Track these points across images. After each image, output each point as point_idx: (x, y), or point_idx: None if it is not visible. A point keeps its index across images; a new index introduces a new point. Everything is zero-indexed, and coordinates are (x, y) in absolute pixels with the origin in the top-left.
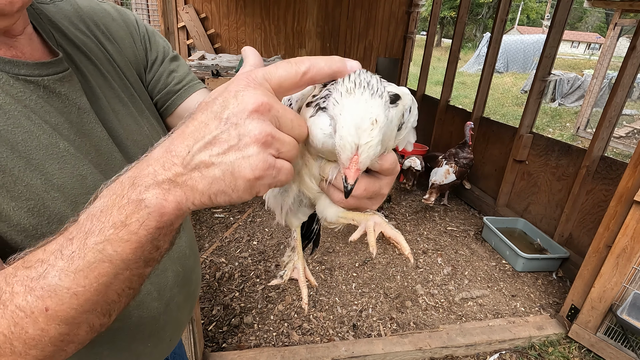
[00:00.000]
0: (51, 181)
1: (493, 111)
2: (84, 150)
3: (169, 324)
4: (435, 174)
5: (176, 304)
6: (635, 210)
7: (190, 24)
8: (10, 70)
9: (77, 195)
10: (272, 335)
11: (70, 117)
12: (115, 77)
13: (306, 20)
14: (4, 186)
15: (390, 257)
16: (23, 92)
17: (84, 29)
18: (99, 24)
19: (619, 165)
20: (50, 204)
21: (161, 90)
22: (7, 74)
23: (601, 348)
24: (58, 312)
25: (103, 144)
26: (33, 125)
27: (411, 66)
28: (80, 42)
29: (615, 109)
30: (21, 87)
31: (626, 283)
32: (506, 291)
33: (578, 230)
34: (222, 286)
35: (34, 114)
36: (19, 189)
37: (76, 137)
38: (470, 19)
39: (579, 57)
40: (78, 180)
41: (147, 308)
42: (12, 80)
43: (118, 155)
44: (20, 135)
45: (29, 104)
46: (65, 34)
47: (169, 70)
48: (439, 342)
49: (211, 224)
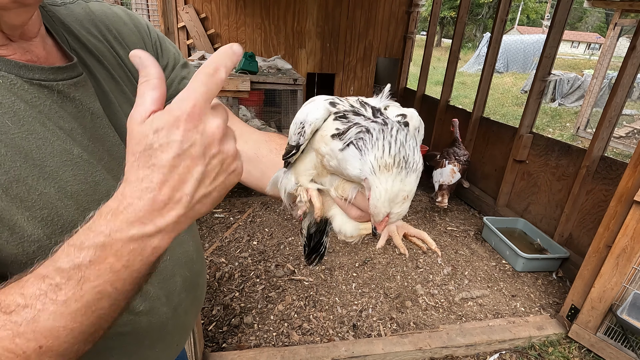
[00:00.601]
0: (65, 189)
1: (493, 111)
2: (97, 156)
3: (177, 329)
4: (441, 175)
5: (184, 309)
6: (635, 210)
7: (190, 24)
8: (24, 75)
9: (90, 202)
10: (272, 335)
11: (84, 122)
12: (127, 82)
13: (306, 20)
14: (17, 196)
15: (390, 257)
16: (37, 98)
17: (95, 33)
18: (110, 28)
19: (619, 165)
20: (63, 212)
21: (172, 96)
22: (21, 79)
23: (601, 348)
24: (52, 347)
25: (115, 149)
26: (47, 131)
27: (411, 66)
28: (93, 46)
29: (615, 109)
30: (35, 92)
31: (626, 283)
32: (506, 291)
33: (578, 230)
34: (222, 286)
35: (48, 120)
36: (33, 198)
37: (89, 143)
38: (470, 19)
39: (579, 57)
40: (91, 187)
41: (156, 313)
42: (26, 85)
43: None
44: (34, 142)
45: (43, 109)
46: (77, 38)
47: (181, 76)
48: (439, 342)
49: (211, 224)
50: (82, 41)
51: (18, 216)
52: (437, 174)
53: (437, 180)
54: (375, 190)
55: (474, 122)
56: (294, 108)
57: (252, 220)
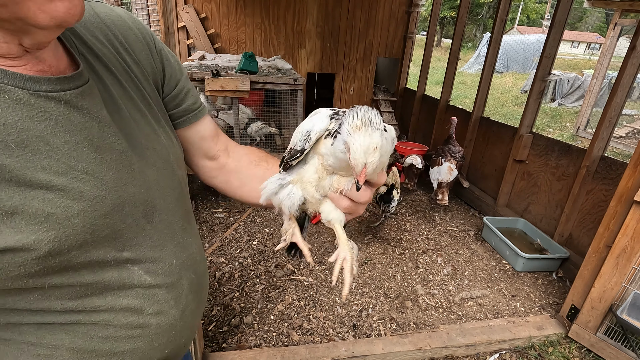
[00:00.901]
0: (71, 207)
1: (493, 111)
2: (105, 167)
3: (185, 330)
4: (439, 173)
5: (190, 310)
6: (635, 210)
7: (190, 24)
8: (31, 88)
9: (96, 217)
10: (272, 335)
11: (91, 132)
12: (133, 87)
13: (306, 20)
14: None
15: (390, 257)
16: (43, 112)
17: (102, 38)
18: (116, 34)
19: (619, 165)
20: (71, 231)
21: (178, 106)
22: (27, 92)
23: (601, 348)
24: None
25: (123, 157)
26: (51, 150)
27: (411, 66)
28: (99, 51)
29: (615, 109)
30: (42, 105)
31: (626, 283)
32: (506, 291)
33: (578, 230)
34: (222, 286)
35: (53, 137)
36: (39, 220)
37: (96, 154)
38: (470, 19)
39: (579, 57)
40: (98, 202)
41: (166, 316)
42: (32, 98)
43: (136, 166)
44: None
45: (48, 124)
46: (85, 42)
47: (187, 88)
48: (439, 342)
49: (211, 224)
50: (89, 45)
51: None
52: (435, 172)
53: (435, 178)
54: (352, 147)
55: (474, 122)
56: (294, 108)
57: (252, 220)
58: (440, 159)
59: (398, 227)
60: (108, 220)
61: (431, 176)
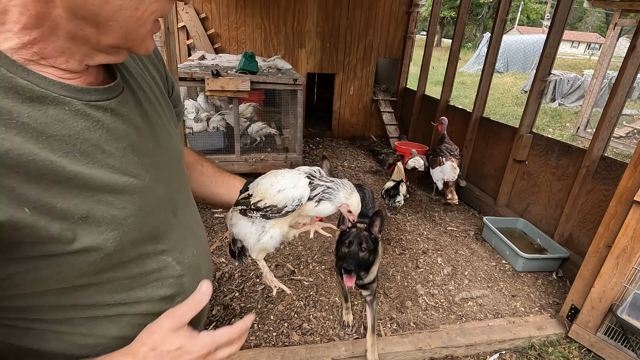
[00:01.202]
0: (127, 208)
1: (493, 111)
2: (144, 169)
3: (204, 316)
4: (443, 172)
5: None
6: (635, 210)
7: (190, 24)
8: (83, 98)
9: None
10: (272, 335)
11: (132, 137)
12: (149, 90)
13: (306, 20)
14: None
15: (390, 257)
16: (97, 122)
17: None
18: None
19: (619, 165)
20: (127, 230)
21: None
22: (81, 102)
23: (601, 348)
24: None
25: (153, 159)
26: (107, 157)
27: (411, 66)
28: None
29: (615, 109)
30: (94, 114)
31: (626, 283)
32: (506, 291)
33: (578, 230)
34: (222, 286)
35: (107, 144)
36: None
37: (137, 158)
38: (470, 19)
39: (579, 57)
40: (143, 202)
41: None
42: (87, 109)
43: (162, 165)
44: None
45: (102, 133)
46: None
47: (177, 90)
48: (439, 342)
49: (211, 224)
50: None
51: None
52: (438, 172)
53: (440, 178)
54: (352, 205)
55: (474, 122)
56: (294, 108)
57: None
58: (441, 158)
59: (398, 227)
60: (150, 217)
61: (434, 177)
